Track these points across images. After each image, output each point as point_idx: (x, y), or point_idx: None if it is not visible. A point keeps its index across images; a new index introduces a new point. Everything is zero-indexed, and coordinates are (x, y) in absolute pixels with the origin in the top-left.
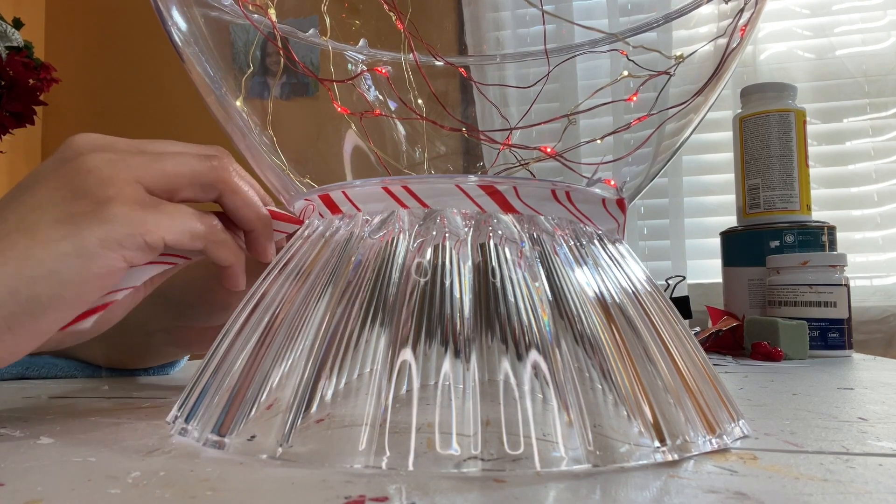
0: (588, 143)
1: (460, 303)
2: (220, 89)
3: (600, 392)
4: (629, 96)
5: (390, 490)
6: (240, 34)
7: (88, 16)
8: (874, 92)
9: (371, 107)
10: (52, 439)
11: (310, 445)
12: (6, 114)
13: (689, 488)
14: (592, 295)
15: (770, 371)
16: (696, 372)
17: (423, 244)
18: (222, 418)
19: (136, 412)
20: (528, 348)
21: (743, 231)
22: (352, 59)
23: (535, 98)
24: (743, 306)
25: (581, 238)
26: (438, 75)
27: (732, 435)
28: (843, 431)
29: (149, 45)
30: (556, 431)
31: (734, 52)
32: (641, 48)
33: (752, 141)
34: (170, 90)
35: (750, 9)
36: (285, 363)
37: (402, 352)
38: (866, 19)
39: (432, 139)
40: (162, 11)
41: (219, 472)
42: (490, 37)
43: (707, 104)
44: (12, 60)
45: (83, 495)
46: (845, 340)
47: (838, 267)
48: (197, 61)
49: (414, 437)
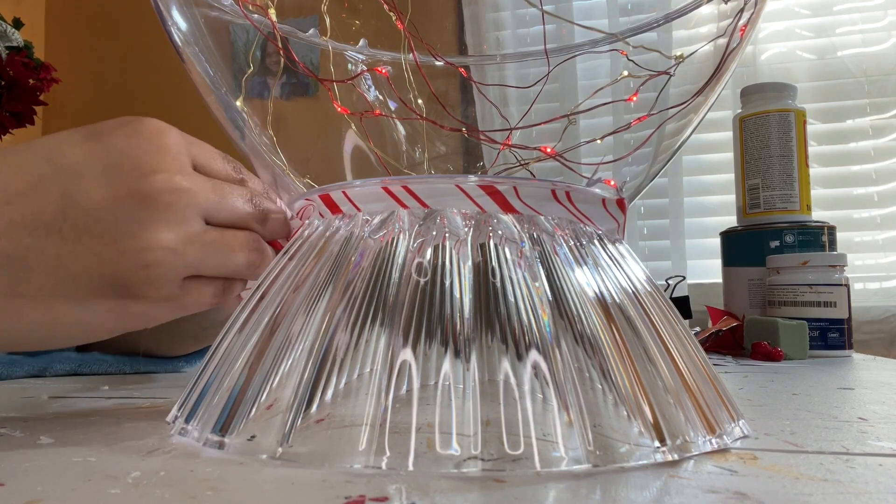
0: (588, 143)
1: (460, 303)
2: (220, 89)
3: (600, 392)
4: (629, 96)
5: (390, 490)
6: (240, 34)
7: (88, 16)
8: (875, 92)
9: (371, 107)
10: (52, 439)
11: (310, 445)
12: (6, 114)
13: (689, 488)
14: (592, 295)
15: (770, 371)
16: (696, 372)
17: (423, 244)
18: (222, 418)
19: (136, 412)
20: (528, 348)
21: (743, 231)
22: (352, 59)
23: (535, 98)
24: (743, 306)
25: (581, 238)
26: (438, 75)
27: (732, 435)
28: (843, 431)
29: (149, 45)
30: (556, 431)
31: (734, 52)
32: (641, 48)
33: (752, 141)
34: (170, 90)
35: (750, 9)
36: (285, 363)
37: (402, 352)
38: (867, 20)
39: (432, 139)
40: (162, 11)
41: (219, 472)
42: (490, 37)
43: (707, 104)
44: (12, 60)
45: (83, 495)
46: (845, 340)
47: (838, 267)
48: (197, 61)
49: (414, 437)
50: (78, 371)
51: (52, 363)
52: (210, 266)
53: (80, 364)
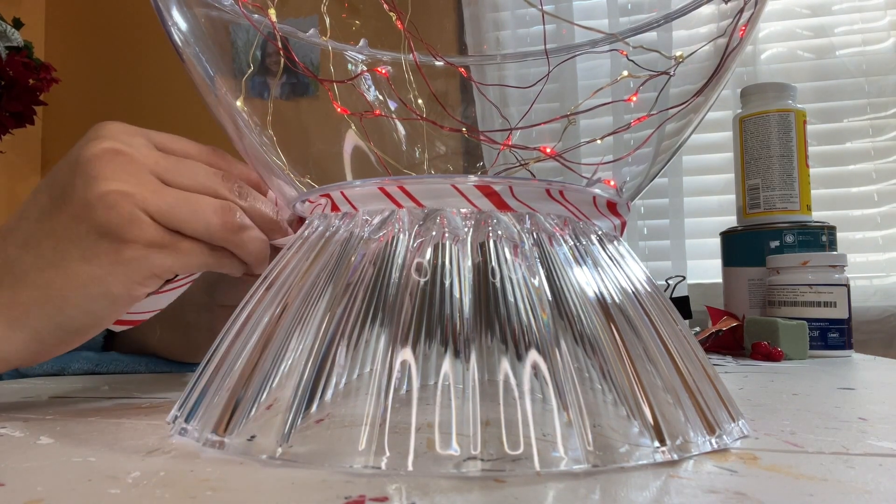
0: (588, 144)
1: (460, 303)
2: (220, 89)
3: (600, 392)
4: (629, 96)
5: (390, 490)
6: (240, 34)
7: (88, 16)
8: (874, 92)
9: (371, 107)
10: (52, 439)
11: (310, 445)
12: (6, 114)
13: (688, 488)
14: (592, 295)
15: (770, 371)
16: (696, 372)
17: (423, 244)
18: (222, 418)
19: (136, 412)
20: (527, 348)
21: (743, 231)
22: (352, 59)
23: (535, 98)
24: (743, 306)
25: (581, 238)
26: (438, 75)
27: (732, 435)
28: (843, 431)
29: (149, 45)
30: (555, 431)
31: (734, 52)
32: (641, 48)
33: (752, 141)
34: (170, 90)
35: (750, 9)
36: (285, 363)
37: (402, 352)
38: (866, 19)
39: (432, 139)
40: (162, 11)
41: (219, 472)
42: (490, 37)
43: (707, 104)
44: (12, 60)
45: (83, 495)
46: (845, 340)
47: (838, 267)
48: (197, 61)
49: (414, 437)
50: (95, 370)
51: (70, 362)
52: (176, 217)
53: (98, 364)
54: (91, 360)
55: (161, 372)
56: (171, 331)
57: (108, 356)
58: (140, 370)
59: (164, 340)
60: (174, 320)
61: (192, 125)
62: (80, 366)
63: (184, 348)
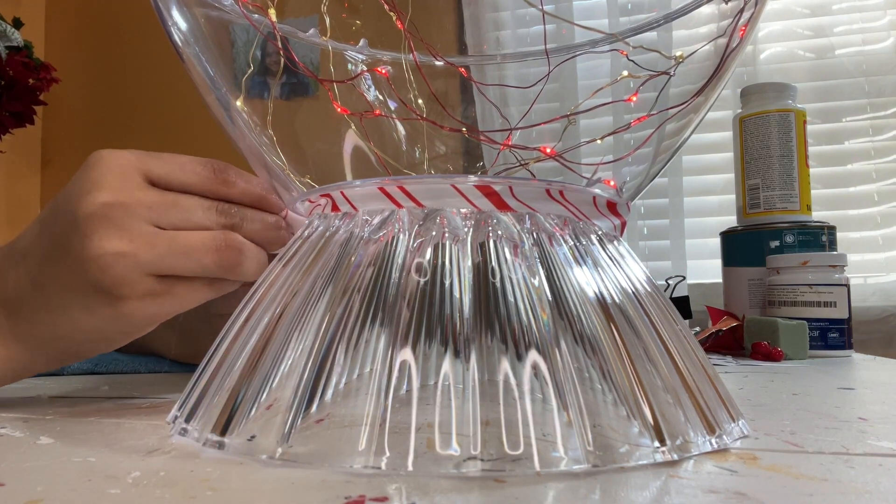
0: (588, 144)
1: (460, 303)
2: (220, 89)
3: (600, 392)
4: (629, 96)
5: (390, 490)
6: (240, 34)
7: (88, 16)
8: (874, 92)
9: (371, 107)
10: (52, 439)
11: (310, 445)
12: (6, 114)
13: (688, 488)
14: (592, 295)
15: (770, 371)
16: (696, 372)
17: (423, 244)
18: (222, 418)
19: (136, 412)
20: (527, 348)
21: (743, 231)
22: (352, 59)
23: (535, 98)
24: (743, 306)
25: (581, 238)
26: (438, 75)
27: (732, 435)
28: (843, 431)
29: (149, 45)
30: (555, 431)
31: (734, 52)
32: (641, 48)
33: (752, 141)
34: (169, 90)
35: (750, 9)
36: (285, 363)
37: (402, 352)
38: (866, 19)
39: (432, 139)
40: (162, 11)
41: (219, 472)
42: (490, 37)
43: (707, 104)
44: (12, 60)
45: (83, 495)
46: (845, 340)
47: (838, 267)
48: (197, 61)
49: (414, 437)
50: (94, 370)
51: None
52: (170, 265)
53: (98, 364)
54: (91, 360)
55: (161, 372)
56: (172, 331)
57: (108, 356)
58: (140, 370)
59: (164, 341)
60: (174, 321)
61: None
62: (79, 366)
63: (184, 349)
